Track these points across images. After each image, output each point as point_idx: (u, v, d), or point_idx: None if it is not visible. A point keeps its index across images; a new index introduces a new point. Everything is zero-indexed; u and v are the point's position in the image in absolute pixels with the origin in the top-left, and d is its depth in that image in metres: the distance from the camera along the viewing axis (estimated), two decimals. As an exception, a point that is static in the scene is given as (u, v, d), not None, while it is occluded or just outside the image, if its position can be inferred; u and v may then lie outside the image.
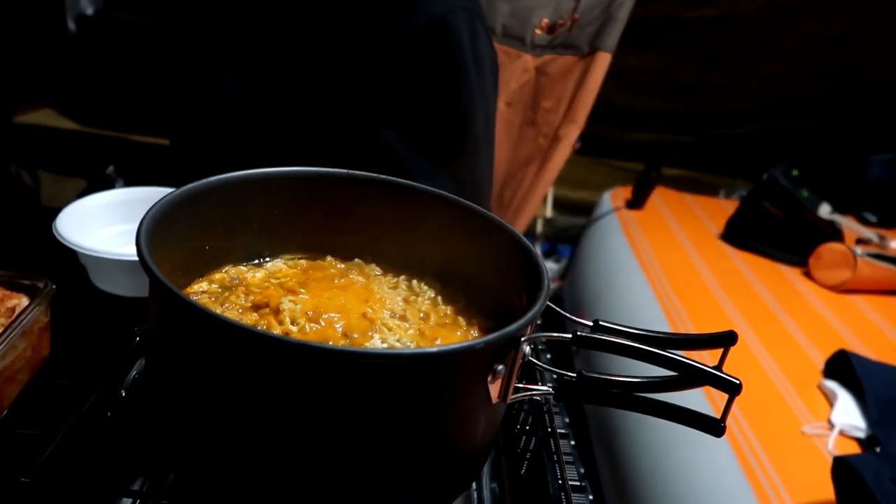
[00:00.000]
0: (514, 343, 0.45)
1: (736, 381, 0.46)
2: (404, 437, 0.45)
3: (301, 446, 0.44)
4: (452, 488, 0.51)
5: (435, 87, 0.93)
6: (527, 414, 0.68)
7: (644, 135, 2.54)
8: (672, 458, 1.18)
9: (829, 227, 1.91)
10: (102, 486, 0.53)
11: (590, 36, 1.65)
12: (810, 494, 1.06)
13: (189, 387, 0.46)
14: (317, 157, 0.74)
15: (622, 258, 1.88)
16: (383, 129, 0.94)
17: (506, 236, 0.57)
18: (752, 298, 1.68)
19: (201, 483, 0.49)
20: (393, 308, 0.58)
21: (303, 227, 0.64)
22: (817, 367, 1.39)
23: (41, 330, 0.70)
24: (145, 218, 0.48)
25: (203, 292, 0.57)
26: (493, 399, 0.47)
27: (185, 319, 0.44)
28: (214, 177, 0.56)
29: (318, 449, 0.44)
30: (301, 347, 0.40)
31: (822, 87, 2.40)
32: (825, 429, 1.20)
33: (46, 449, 0.54)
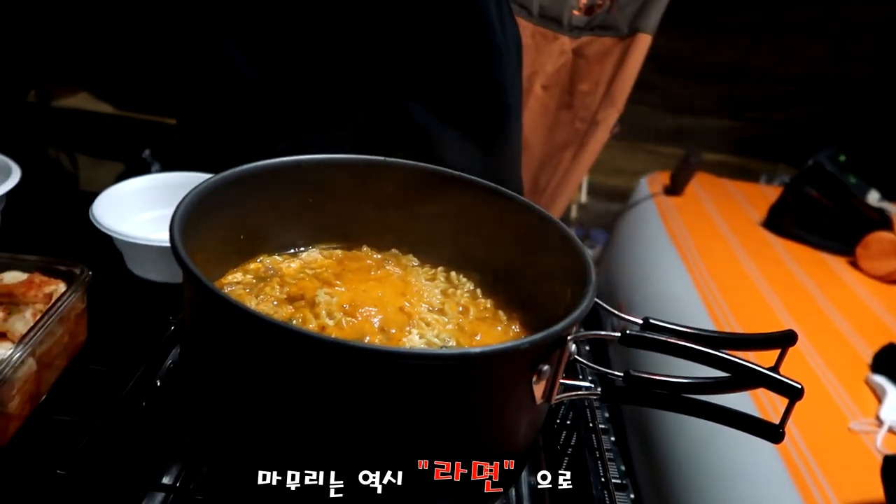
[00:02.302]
0: (561, 342, 0.43)
1: (797, 386, 0.43)
2: (443, 439, 0.43)
3: (336, 445, 0.43)
4: (491, 492, 0.49)
5: (468, 61, 0.94)
6: (567, 409, 0.66)
7: (684, 119, 2.48)
8: (711, 455, 1.15)
9: (878, 215, 1.84)
10: (136, 478, 0.53)
11: (629, 17, 1.60)
12: (857, 494, 1.02)
13: (222, 380, 0.45)
14: (341, 140, 0.73)
15: (659, 246, 1.83)
16: (408, 104, 0.92)
17: (550, 227, 0.55)
18: (796, 289, 1.63)
19: (233, 478, 0.47)
20: (431, 301, 0.56)
21: (337, 215, 0.62)
22: (865, 361, 1.34)
23: (78, 316, 0.70)
24: (179, 207, 0.47)
25: (238, 283, 0.55)
26: (536, 400, 0.45)
27: (218, 312, 0.43)
28: (248, 164, 0.55)
29: (355, 448, 0.43)
30: (337, 346, 0.38)
31: (871, 70, 2.31)
32: (873, 425, 1.16)
33: (82, 438, 0.54)
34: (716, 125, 2.48)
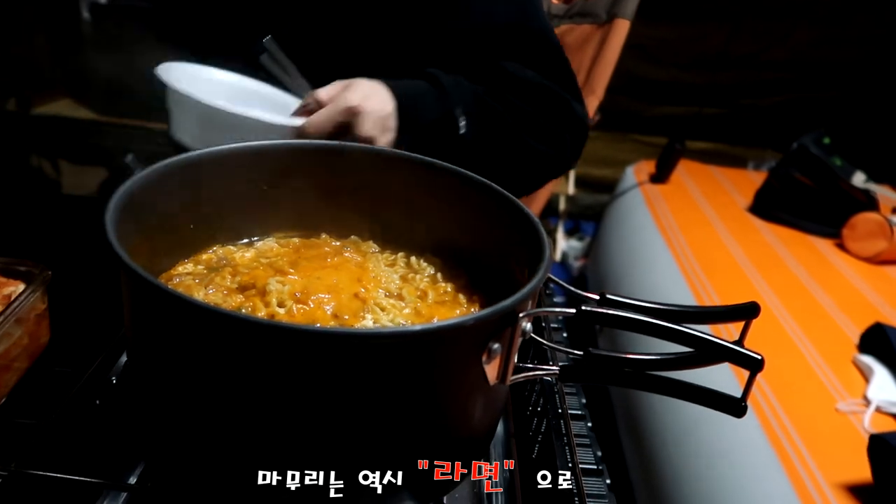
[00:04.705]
0: (511, 319, 0.41)
1: (757, 357, 0.42)
2: (395, 421, 0.42)
3: (286, 432, 0.41)
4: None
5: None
6: (538, 396, 0.65)
7: (669, 108, 2.47)
8: (698, 438, 1.14)
9: (864, 197, 1.83)
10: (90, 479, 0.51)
11: (608, 3, 1.58)
12: (845, 473, 1.01)
13: (165, 373, 0.44)
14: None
15: (646, 234, 1.82)
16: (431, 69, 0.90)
17: (505, 205, 0.53)
18: (783, 272, 1.62)
19: (189, 475, 0.46)
20: (388, 287, 0.55)
21: (294, 202, 0.60)
22: (852, 341, 1.33)
23: (38, 317, 0.68)
24: (115, 195, 0.45)
25: (188, 274, 0.54)
26: (490, 380, 0.43)
27: (155, 305, 0.41)
28: (197, 151, 0.53)
29: (306, 435, 0.41)
30: (271, 328, 0.37)
31: (854, 53, 2.30)
32: (861, 405, 1.15)
33: (36, 439, 0.52)
34: (702, 113, 2.47)
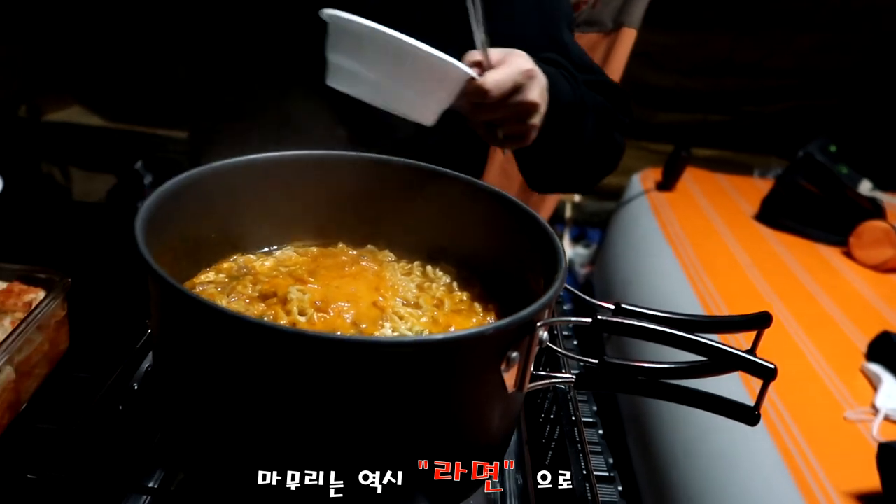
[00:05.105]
0: (529, 328, 0.42)
1: (770, 366, 0.43)
2: (414, 429, 0.43)
3: (307, 438, 0.42)
4: (468, 481, 0.49)
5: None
6: (551, 403, 0.65)
7: (674, 115, 2.47)
8: (706, 446, 1.14)
9: (870, 204, 1.83)
10: (113, 483, 0.52)
11: (614, 11, 1.60)
12: (854, 482, 1.01)
13: (189, 380, 0.45)
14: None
15: (653, 241, 1.83)
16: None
17: (522, 216, 0.54)
18: (790, 280, 1.62)
19: (211, 481, 0.47)
20: (405, 296, 0.56)
21: (313, 212, 0.62)
22: (860, 349, 1.33)
23: (58, 324, 0.69)
24: (144, 204, 0.46)
25: (210, 282, 0.55)
26: (508, 388, 0.44)
27: (183, 311, 0.42)
28: (218, 162, 0.54)
29: (326, 441, 0.42)
30: (295, 336, 0.38)
31: (858, 59, 2.31)
32: (869, 414, 1.15)
33: (58, 444, 0.53)
34: (707, 120, 2.47)
